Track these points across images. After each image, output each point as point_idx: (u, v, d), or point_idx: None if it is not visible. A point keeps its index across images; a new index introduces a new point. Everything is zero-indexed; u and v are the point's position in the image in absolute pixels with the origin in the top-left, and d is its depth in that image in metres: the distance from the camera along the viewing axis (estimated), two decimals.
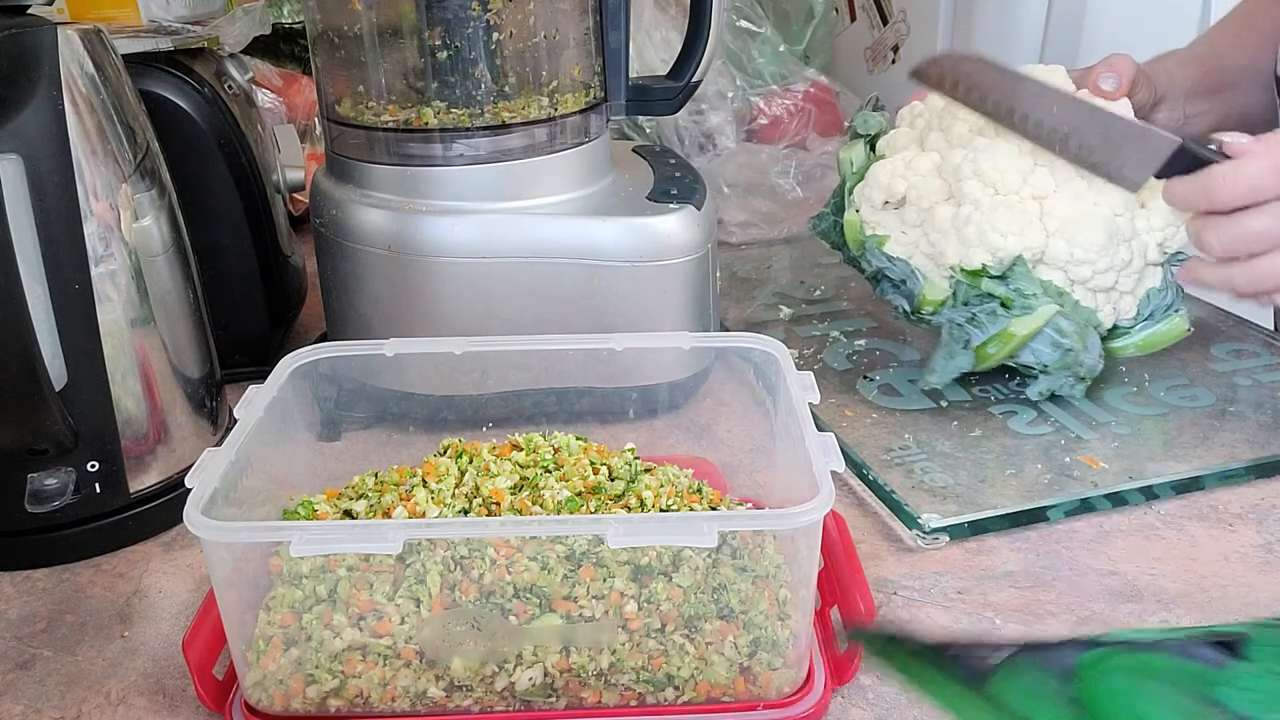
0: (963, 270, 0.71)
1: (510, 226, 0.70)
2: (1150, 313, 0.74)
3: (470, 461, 0.57)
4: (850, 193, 0.78)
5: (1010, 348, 0.71)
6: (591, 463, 0.58)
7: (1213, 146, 0.64)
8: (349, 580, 0.49)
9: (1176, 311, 0.74)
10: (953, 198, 0.72)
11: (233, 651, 0.49)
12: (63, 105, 0.57)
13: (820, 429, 0.52)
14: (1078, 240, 0.69)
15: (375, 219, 0.71)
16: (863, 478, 0.67)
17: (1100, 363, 0.73)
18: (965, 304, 0.72)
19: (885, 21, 1.48)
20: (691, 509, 0.56)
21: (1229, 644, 0.33)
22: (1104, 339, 0.74)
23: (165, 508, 0.64)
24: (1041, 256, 0.70)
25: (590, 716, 0.49)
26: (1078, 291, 0.71)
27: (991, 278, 0.70)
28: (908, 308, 0.75)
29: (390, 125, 0.72)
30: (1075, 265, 0.69)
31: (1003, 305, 0.70)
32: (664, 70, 0.81)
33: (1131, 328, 0.75)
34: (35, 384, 0.56)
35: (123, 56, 0.64)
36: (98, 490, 0.61)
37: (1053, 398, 0.74)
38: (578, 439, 0.60)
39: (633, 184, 0.76)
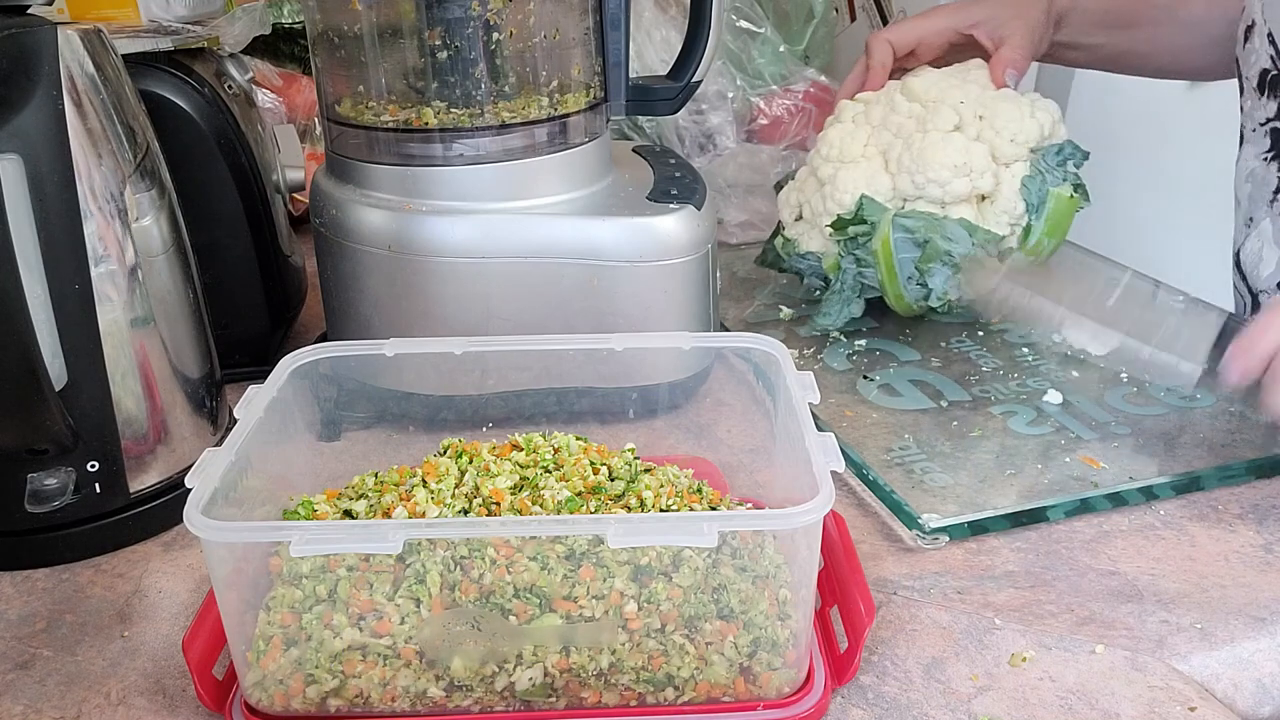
0: (831, 230, 0.84)
1: (510, 226, 0.70)
2: (1038, 202, 0.83)
3: (470, 461, 0.57)
4: (779, 226, 0.94)
5: (887, 265, 0.82)
6: (591, 463, 0.58)
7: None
8: (349, 580, 0.49)
9: (1056, 185, 0.84)
10: (823, 185, 0.86)
11: (233, 651, 0.49)
12: (63, 105, 0.57)
13: (820, 429, 0.52)
14: (916, 170, 0.81)
15: (375, 219, 0.71)
16: (863, 478, 0.67)
17: (975, 250, 0.82)
18: (851, 255, 0.84)
19: (885, 21, 1.48)
20: (691, 509, 0.56)
21: None
22: (1021, 247, 0.84)
23: (165, 508, 0.64)
24: (893, 195, 0.82)
25: (590, 716, 0.49)
26: (958, 210, 0.82)
27: (852, 223, 0.82)
28: (821, 283, 0.90)
29: (390, 125, 0.72)
30: (931, 186, 0.80)
31: (867, 238, 0.83)
32: (664, 70, 0.81)
33: (1030, 222, 0.84)
34: (35, 384, 0.56)
35: (123, 56, 0.64)
36: (98, 490, 0.61)
37: (1062, 402, 0.75)
38: (578, 439, 0.60)
39: (633, 184, 0.76)
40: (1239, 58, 0.91)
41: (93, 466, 0.61)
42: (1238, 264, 0.97)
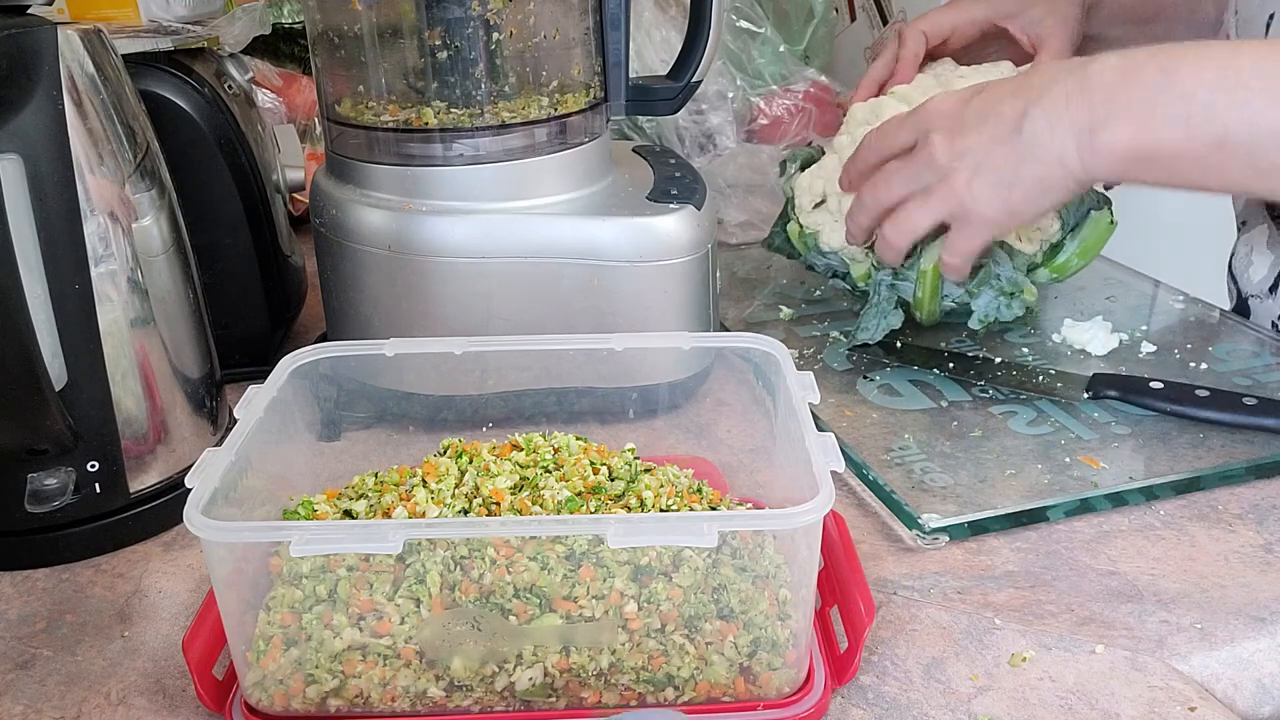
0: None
1: (510, 226, 0.70)
2: (1074, 223, 0.81)
3: (470, 461, 0.57)
4: (793, 210, 0.89)
5: (932, 283, 0.79)
6: (591, 463, 0.58)
7: None
8: (349, 580, 0.49)
9: (1096, 210, 0.82)
10: None
11: (233, 651, 0.49)
12: (63, 105, 0.57)
13: (820, 429, 0.52)
14: None
15: (375, 219, 0.71)
16: (863, 478, 0.67)
17: (1019, 275, 0.80)
18: (890, 270, 0.81)
19: (885, 21, 1.48)
20: (691, 509, 0.56)
21: None
22: (1046, 263, 0.83)
23: (165, 508, 0.64)
24: None
25: (590, 716, 0.49)
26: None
27: None
28: (849, 287, 0.86)
29: (390, 125, 0.72)
30: None
31: (915, 258, 0.80)
32: (664, 70, 0.81)
33: (1063, 241, 0.82)
34: (35, 384, 0.56)
35: (123, 56, 0.64)
36: (98, 490, 0.61)
37: (1054, 403, 0.75)
38: (578, 439, 0.60)
39: (633, 184, 0.76)
40: None
41: (93, 466, 0.61)
42: (1231, 266, 0.97)
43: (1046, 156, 0.68)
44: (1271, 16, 0.83)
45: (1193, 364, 0.80)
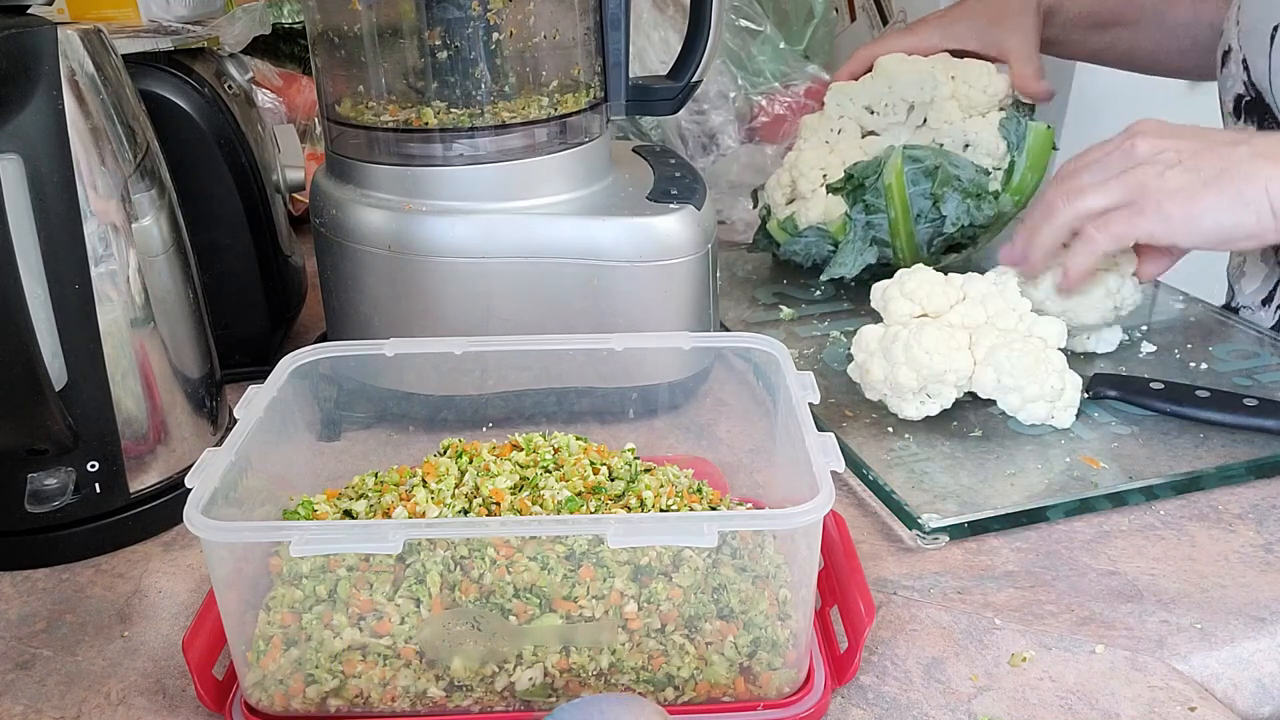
0: (836, 188, 0.89)
1: (510, 226, 0.70)
2: (1018, 139, 0.89)
3: (470, 461, 0.57)
4: (769, 216, 0.97)
5: (900, 200, 0.86)
6: (591, 463, 0.58)
7: None
8: (349, 580, 0.49)
9: (1032, 120, 0.89)
10: (827, 173, 0.92)
11: (233, 651, 0.49)
12: (63, 105, 0.57)
13: (820, 429, 0.52)
14: (1004, 368, 0.69)
15: (375, 219, 0.71)
16: (863, 478, 0.67)
17: (976, 174, 0.87)
18: (861, 202, 0.87)
19: (885, 21, 1.48)
20: (691, 509, 0.56)
21: None
22: (1005, 188, 0.89)
23: (165, 508, 0.64)
24: (969, 383, 0.70)
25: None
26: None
27: (854, 174, 0.88)
28: (831, 247, 0.92)
29: (390, 125, 0.72)
30: (1004, 393, 0.70)
31: (876, 177, 0.87)
32: (664, 71, 0.81)
33: (1013, 160, 0.89)
34: (35, 384, 0.56)
35: (123, 56, 0.64)
36: (98, 490, 0.61)
37: None
38: (578, 439, 0.60)
39: (633, 184, 0.76)
40: (1218, 82, 0.92)
41: (93, 466, 0.61)
42: (1228, 272, 0.98)
43: (1254, 177, 0.64)
44: (1275, 28, 0.83)
45: (1193, 364, 0.80)
